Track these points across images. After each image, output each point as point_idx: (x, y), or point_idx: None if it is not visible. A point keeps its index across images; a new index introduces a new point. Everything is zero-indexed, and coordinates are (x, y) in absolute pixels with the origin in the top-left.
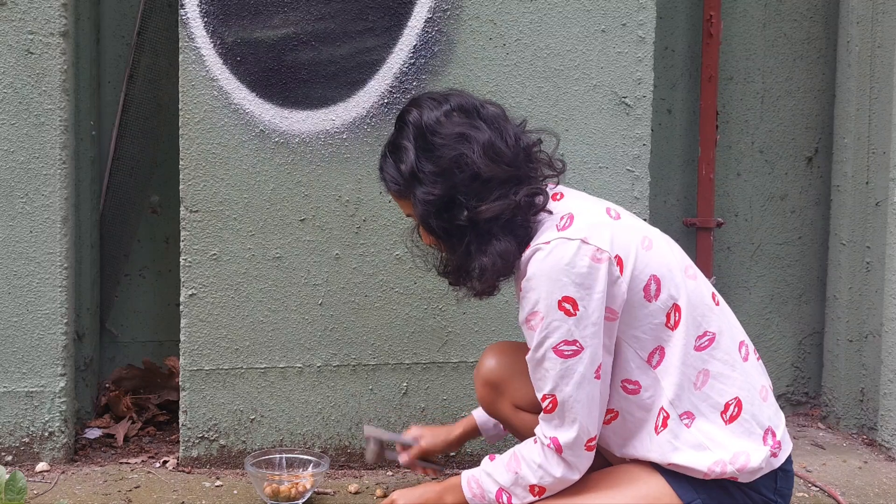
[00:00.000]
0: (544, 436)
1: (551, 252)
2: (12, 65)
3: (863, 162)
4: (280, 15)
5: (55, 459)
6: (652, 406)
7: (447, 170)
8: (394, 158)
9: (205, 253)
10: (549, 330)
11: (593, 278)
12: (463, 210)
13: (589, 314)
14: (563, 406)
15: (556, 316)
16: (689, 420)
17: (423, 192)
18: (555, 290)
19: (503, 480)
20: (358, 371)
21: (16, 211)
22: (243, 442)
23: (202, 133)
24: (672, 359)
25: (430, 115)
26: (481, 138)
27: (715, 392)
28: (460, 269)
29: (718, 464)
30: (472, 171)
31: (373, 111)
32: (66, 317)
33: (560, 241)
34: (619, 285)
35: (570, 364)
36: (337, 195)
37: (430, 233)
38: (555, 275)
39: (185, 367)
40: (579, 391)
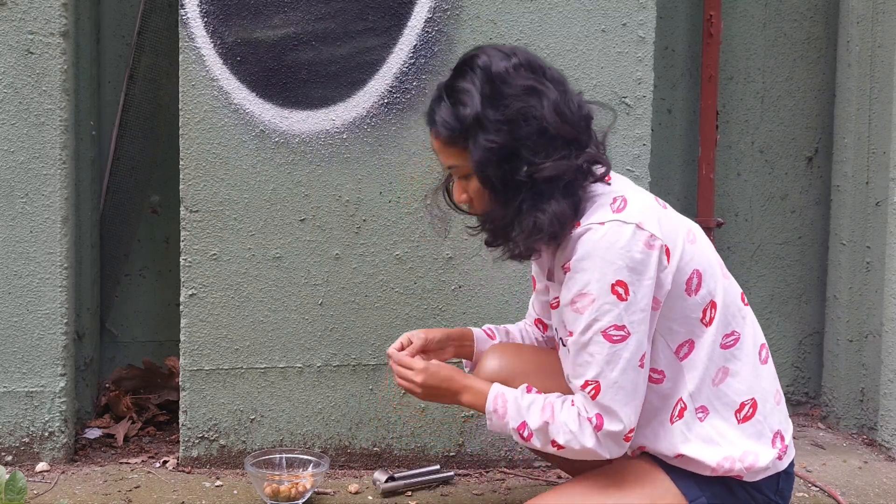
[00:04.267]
0: (585, 409)
1: (606, 233)
2: (12, 65)
3: (863, 162)
4: (280, 15)
5: (55, 459)
6: (670, 396)
7: (513, 120)
8: (452, 101)
9: (205, 253)
10: (599, 312)
11: (645, 264)
12: (523, 164)
13: (638, 300)
14: (606, 393)
15: (608, 299)
16: (703, 414)
17: (486, 139)
18: (608, 272)
19: (531, 421)
20: (358, 371)
21: (16, 211)
22: (243, 442)
23: (202, 133)
24: (700, 353)
25: (500, 65)
26: (550, 95)
27: (731, 391)
28: (506, 226)
29: (728, 460)
30: (539, 126)
31: (373, 111)
32: (67, 317)
33: (616, 224)
34: (665, 275)
35: (617, 349)
36: (337, 195)
37: (486, 183)
38: (610, 256)
39: (185, 367)
40: (624, 377)
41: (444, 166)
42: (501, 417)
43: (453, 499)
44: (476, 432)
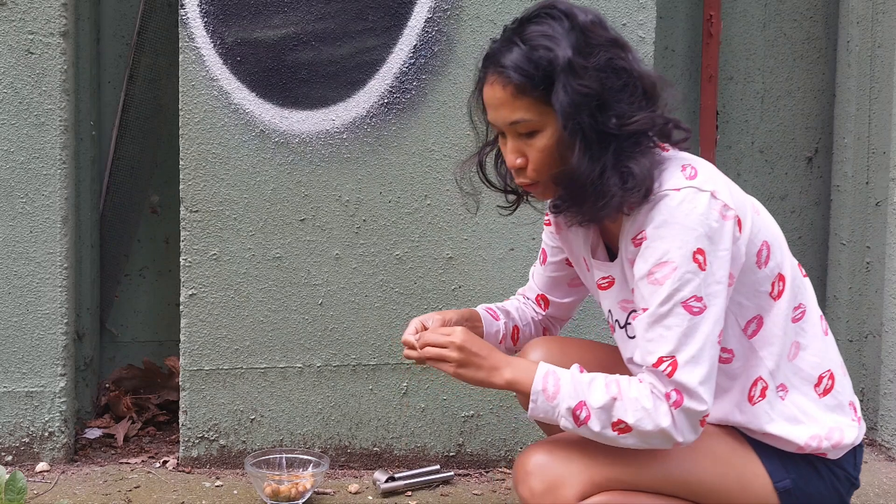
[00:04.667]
0: (660, 385)
1: (684, 200)
2: (12, 65)
3: (863, 162)
4: (280, 15)
5: (55, 459)
6: (740, 376)
7: (603, 69)
8: (530, 47)
9: (205, 253)
10: (681, 282)
11: (721, 234)
12: (612, 116)
13: (714, 271)
14: (684, 369)
15: (689, 267)
16: (784, 392)
17: (579, 84)
18: (689, 239)
19: (593, 398)
20: (358, 371)
21: (16, 211)
22: (243, 442)
23: (202, 133)
24: (773, 328)
25: (581, 15)
26: (632, 50)
27: (807, 364)
28: (592, 183)
29: (815, 438)
30: (627, 79)
31: (373, 111)
32: (67, 317)
33: (692, 191)
34: (738, 246)
35: (696, 322)
36: (337, 195)
37: (574, 134)
38: (690, 223)
39: (185, 367)
40: (703, 354)
41: (501, 124)
42: (551, 398)
43: (453, 499)
44: (476, 432)
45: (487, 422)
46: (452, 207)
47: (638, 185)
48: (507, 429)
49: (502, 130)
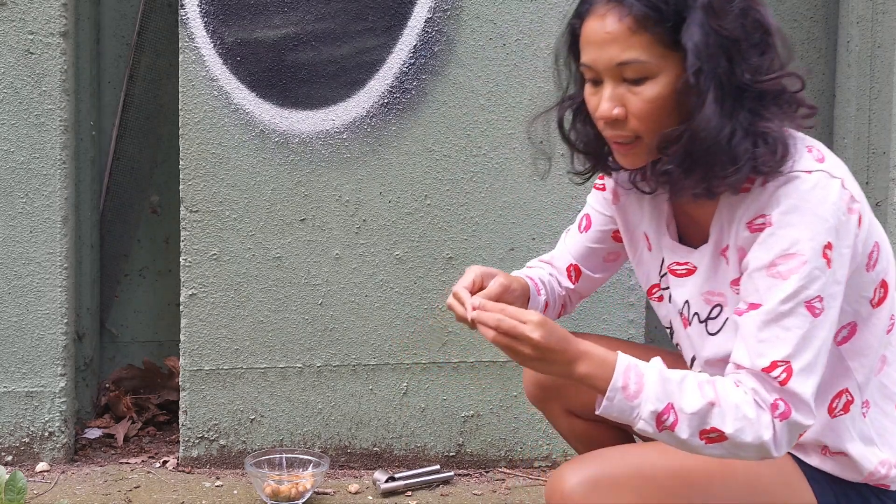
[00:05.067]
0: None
1: (817, 185)
2: (12, 65)
3: (863, 162)
4: (280, 15)
5: (55, 459)
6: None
7: (742, 15)
8: None
9: (205, 253)
10: (809, 279)
11: (846, 229)
12: (745, 71)
13: (835, 270)
14: (798, 378)
15: (818, 263)
16: (866, 409)
17: (717, 24)
18: (821, 231)
19: (687, 402)
20: (358, 371)
21: (16, 211)
22: (243, 442)
23: (202, 133)
24: (868, 338)
25: None
26: (767, 6)
27: (890, 381)
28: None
29: (885, 464)
30: (764, 34)
31: (373, 111)
32: (67, 317)
33: (824, 176)
34: (856, 244)
35: (815, 325)
36: (337, 195)
37: (709, 81)
38: (823, 213)
39: (185, 367)
40: (817, 361)
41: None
42: (632, 396)
43: (453, 499)
44: (476, 432)
45: (487, 422)
46: (452, 207)
47: (772, 154)
48: (508, 429)
49: (598, 75)
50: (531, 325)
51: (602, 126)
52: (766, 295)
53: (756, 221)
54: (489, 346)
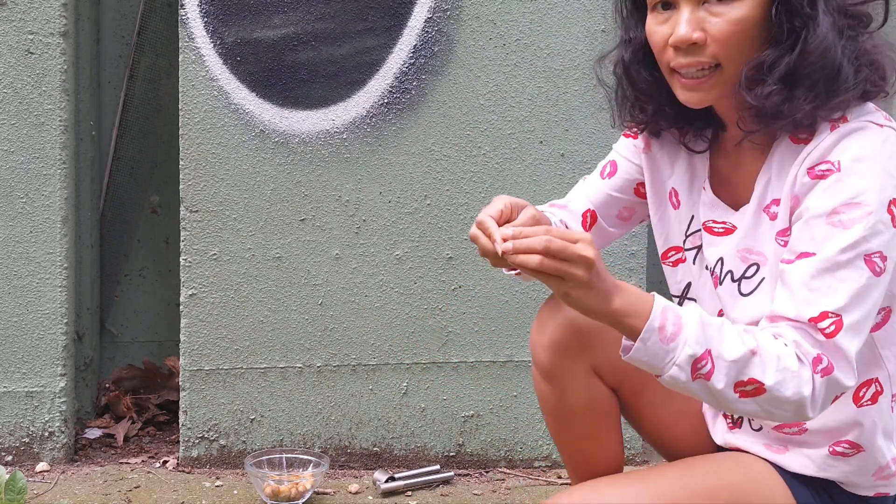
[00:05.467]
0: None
1: (888, 139)
2: (12, 65)
3: None
4: (280, 15)
5: (55, 459)
6: None
7: None
8: None
9: (205, 253)
10: (872, 231)
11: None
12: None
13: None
14: (847, 333)
15: (884, 217)
16: (894, 403)
17: None
18: (889, 186)
19: (727, 348)
20: (358, 371)
21: (16, 211)
22: (243, 442)
23: (202, 133)
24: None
25: None
26: None
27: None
28: (823, 67)
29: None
30: None
31: (373, 111)
32: (66, 317)
33: (894, 133)
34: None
35: (872, 282)
36: (337, 195)
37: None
38: (892, 168)
39: (185, 367)
40: (865, 323)
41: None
42: (669, 339)
43: (453, 499)
44: (476, 432)
45: (487, 422)
46: (452, 207)
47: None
48: (507, 429)
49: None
50: (583, 243)
51: (671, 57)
52: (823, 244)
53: (819, 167)
54: (489, 346)
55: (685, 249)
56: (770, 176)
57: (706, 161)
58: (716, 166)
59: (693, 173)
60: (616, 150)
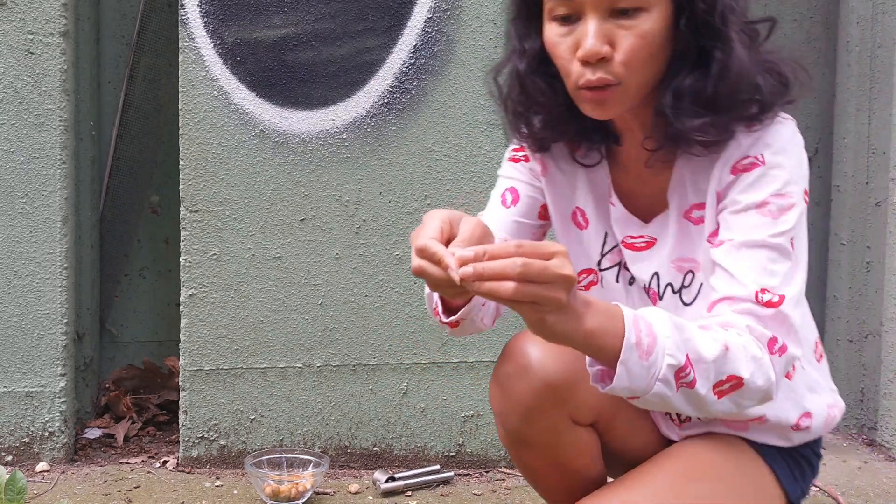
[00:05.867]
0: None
1: (795, 132)
2: (12, 65)
3: (863, 162)
4: (280, 15)
5: (55, 459)
6: None
7: None
8: None
9: (205, 253)
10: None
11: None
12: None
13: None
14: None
15: (802, 206)
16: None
17: None
18: (802, 174)
19: (705, 348)
20: (358, 371)
21: (16, 211)
22: (243, 442)
23: (202, 133)
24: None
25: None
26: None
27: (808, 329)
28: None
29: (833, 408)
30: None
31: (373, 111)
32: (66, 317)
33: (794, 124)
34: None
35: (799, 264)
36: (337, 195)
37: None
38: (802, 158)
39: (185, 367)
40: (802, 298)
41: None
42: (646, 353)
43: (453, 499)
44: (476, 432)
45: (487, 422)
46: (452, 207)
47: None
48: None
49: (578, 9)
50: (560, 257)
51: (577, 71)
52: (753, 231)
53: (742, 163)
54: (489, 346)
55: (600, 270)
56: (684, 182)
57: (607, 176)
58: (616, 181)
59: (596, 190)
60: (509, 177)
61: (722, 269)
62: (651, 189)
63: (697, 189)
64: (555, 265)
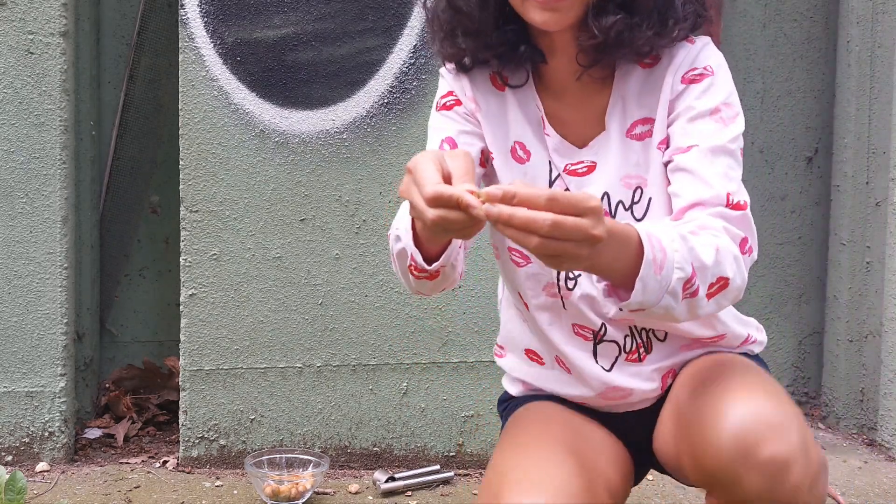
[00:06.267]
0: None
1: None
2: (12, 65)
3: (863, 162)
4: (280, 15)
5: (55, 459)
6: None
7: None
8: None
9: (205, 253)
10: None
11: None
12: None
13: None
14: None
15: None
16: None
17: None
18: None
19: (704, 256)
20: (358, 371)
21: (16, 211)
22: (243, 442)
23: (202, 133)
24: None
25: None
26: None
27: None
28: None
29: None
30: None
31: (373, 111)
32: (67, 317)
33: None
34: None
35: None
36: (337, 195)
37: None
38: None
39: (185, 367)
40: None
41: None
42: (659, 268)
43: (453, 499)
44: (476, 432)
45: (488, 421)
46: None
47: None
48: None
49: None
50: (592, 218)
51: None
52: (712, 137)
53: (692, 73)
54: (490, 346)
55: None
56: (624, 99)
57: (539, 107)
58: (549, 111)
59: (529, 120)
60: (442, 129)
61: (689, 173)
62: (585, 114)
63: (641, 104)
64: (585, 225)
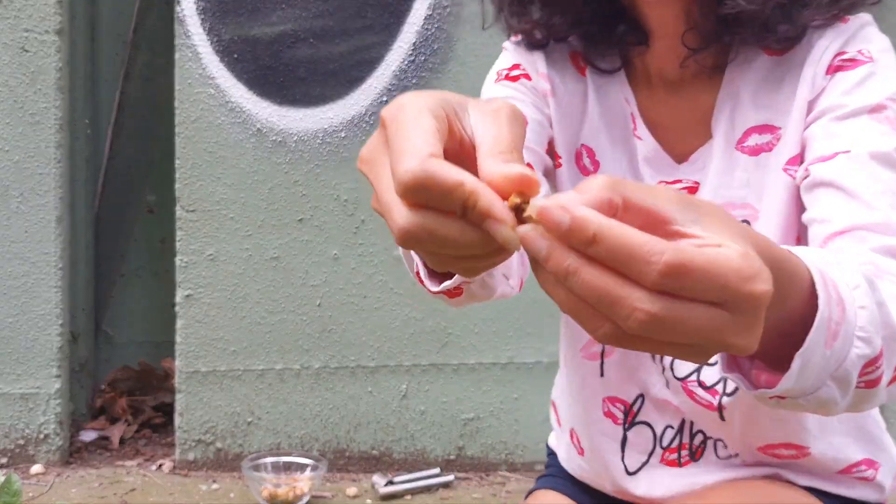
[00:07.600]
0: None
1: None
2: (7, 63)
3: None
4: (277, 12)
5: (50, 462)
6: None
7: None
8: None
9: (201, 253)
10: None
11: None
12: None
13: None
14: None
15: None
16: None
17: None
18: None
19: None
20: (357, 373)
21: (10, 210)
22: (240, 445)
23: (199, 131)
24: None
25: None
26: None
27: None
28: None
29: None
30: None
31: (371, 109)
32: (61, 318)
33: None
34: None
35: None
36: (335, 194)
37: None
38: None
39: (181, 368)
40: None
41: None
42: (832, 337)
43: (453, 502)
44: (476, 435)
45: (488, 424)
46: None
47: None
48: (508, 431)
49: None
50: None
51: None
52: (874, 141)
53: (841, 58)
54: (490, 348)
55: None
56: (739, 98)
57: (629, 100)
58: (642, 107)
59: (611, 117)
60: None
61: (838, 189)
62: (687, 116)
63: (760, 105)
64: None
